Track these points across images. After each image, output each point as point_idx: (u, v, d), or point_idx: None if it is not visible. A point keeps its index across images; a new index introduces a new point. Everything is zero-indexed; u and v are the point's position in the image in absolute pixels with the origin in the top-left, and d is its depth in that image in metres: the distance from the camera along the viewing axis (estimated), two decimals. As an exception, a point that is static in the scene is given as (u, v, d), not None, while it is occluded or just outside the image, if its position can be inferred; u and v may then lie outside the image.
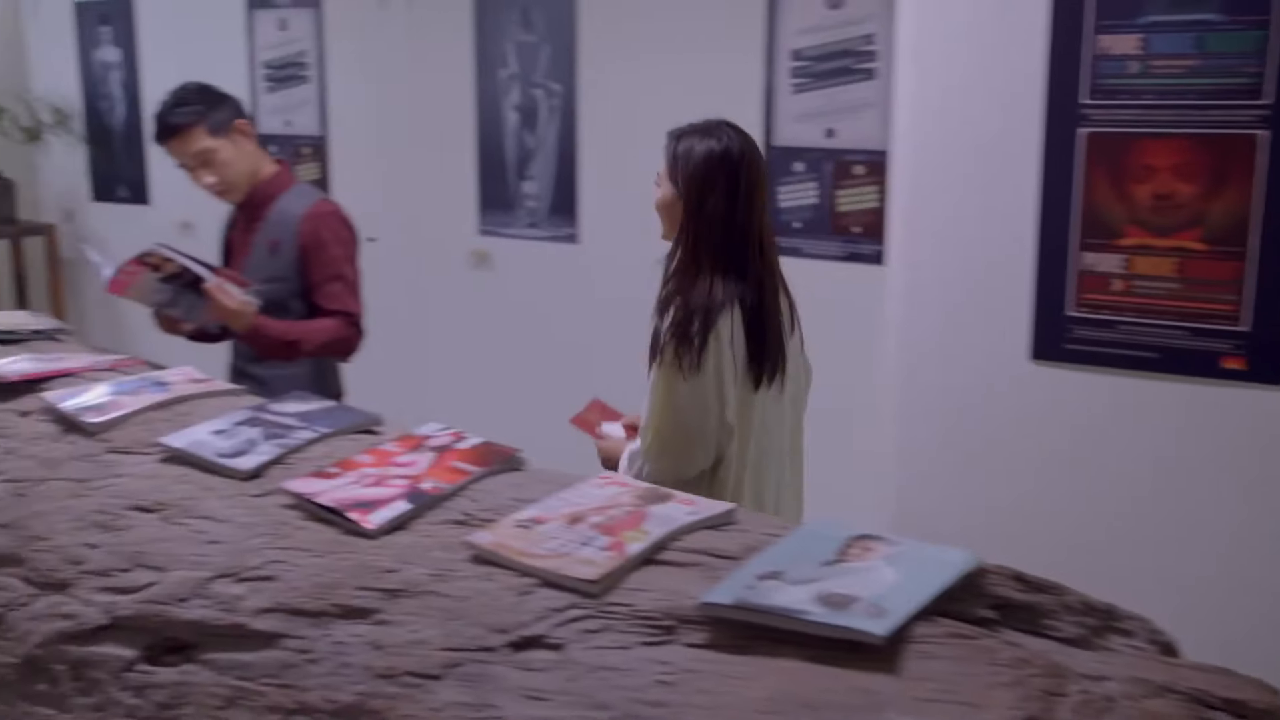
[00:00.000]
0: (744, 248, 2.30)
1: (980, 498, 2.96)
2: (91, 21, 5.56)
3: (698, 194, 2.28)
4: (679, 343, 2.23)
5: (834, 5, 3.62)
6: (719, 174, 2.27)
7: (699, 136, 2.31)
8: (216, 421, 1.91)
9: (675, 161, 2.33)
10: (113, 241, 5.67)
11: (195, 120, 2.92)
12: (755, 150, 2.36)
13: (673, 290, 2.30)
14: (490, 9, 4.32)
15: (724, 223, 2.27)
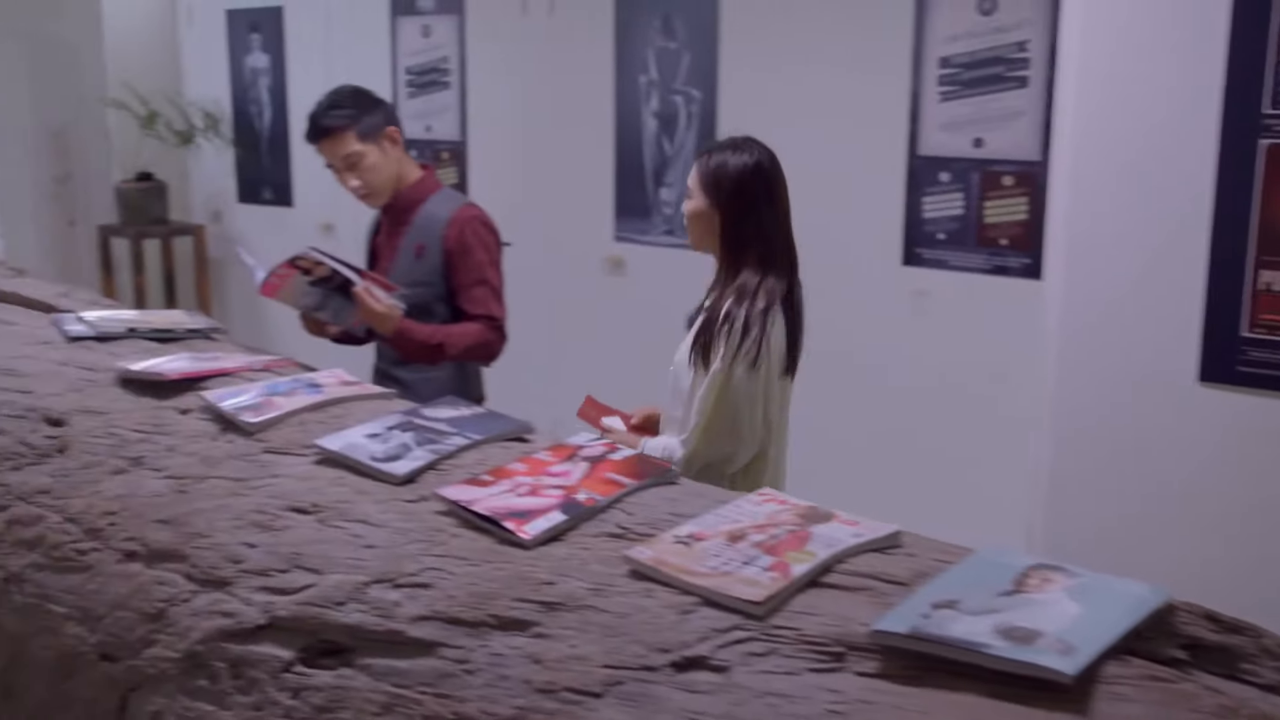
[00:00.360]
0: (782, 250, 2.52)
1: (1137, 525, 2.84)
2: (242, 29, 5.72)
3: (739, 205, 2.47)
4: (742, 340, 2.40)
5: (986, 12, 3.52)
6: (755, 185, 2.49)
7: (730, 152, 2.52)
8: (370, 425, 1.92)
9: (709, 176, 2.51)
10: (257, 243, 5.83)
11: (346, 124, 2.97)
12: (778, 162, 2.56)
13: (723, 294, 2.48)
14: (631, 15, 4.31)
15: (763, 229, 2.48)
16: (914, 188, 3.71)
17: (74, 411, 2.20)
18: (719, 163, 2.50)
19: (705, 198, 2.51)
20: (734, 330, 2.41)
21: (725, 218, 2.49)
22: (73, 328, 2.57)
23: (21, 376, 2.37)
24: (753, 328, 2.41)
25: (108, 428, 2.12)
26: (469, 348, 2.97)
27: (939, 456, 3.78)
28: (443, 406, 1.99)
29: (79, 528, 1.91)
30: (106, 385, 2.30)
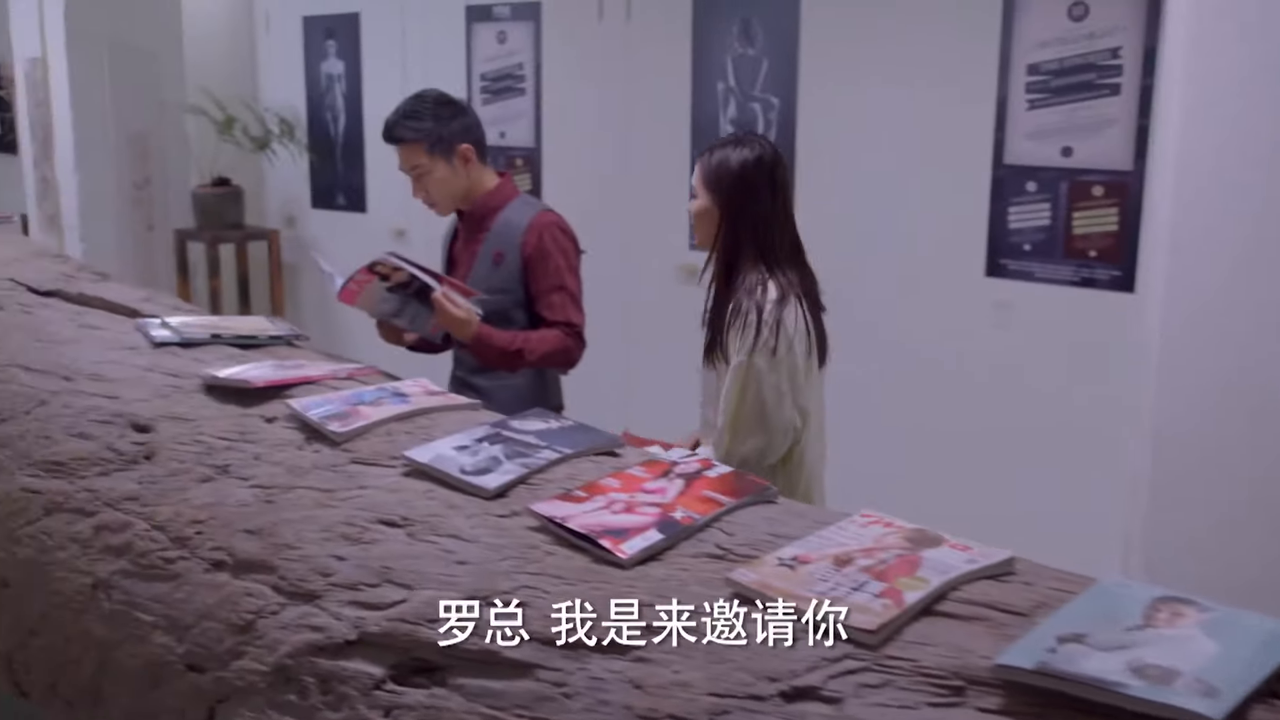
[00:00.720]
0: (787, 243, 2.48)
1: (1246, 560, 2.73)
2: (318, 35, 5.76)
3: (740, 200, 2.43)
4: (758, 333, 2.38)
5: (1077, 18, 3.43)
6: (758, 179, 2.44)
7: (732, 147, 2.47)
8: (458, 437, 1.89)
9: (711, 173, 2.47)
10: (329, 248, 5.86)
11: (417, 137, 2.96)
12: (781, 156, 2.53)
13: (731, 290, 2.45)
14: (709, 22, 4.27)
15: (769, 223, 2.44)
16: (999, 197, 3.63)
17: (160, 418, 2.20)
18: (720, 159, 2.46)
19: (708, 195, 2.48)
20: (748, 324, 2.39)
21: (728, 212, 2.45)
22: (157, 333, 2.58)
23: (108, 381, 2.38)
24: (768, 319, 2.38)
25: (194, 435, 2.12)
26: (547, 354, 2.94)
27: (1021, 471, 3.69)
28: (531, 419, 1.96)
29: (166, 536, 1.90)
30: (192, 391, 2.30)
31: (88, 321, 2.75)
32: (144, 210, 5.85)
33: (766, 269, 2.43)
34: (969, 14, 3.64)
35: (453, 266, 3.12)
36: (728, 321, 2.45)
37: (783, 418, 2.44)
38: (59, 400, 2.34)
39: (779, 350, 2.40)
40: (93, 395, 2.33)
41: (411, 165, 2.96)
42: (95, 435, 2.21)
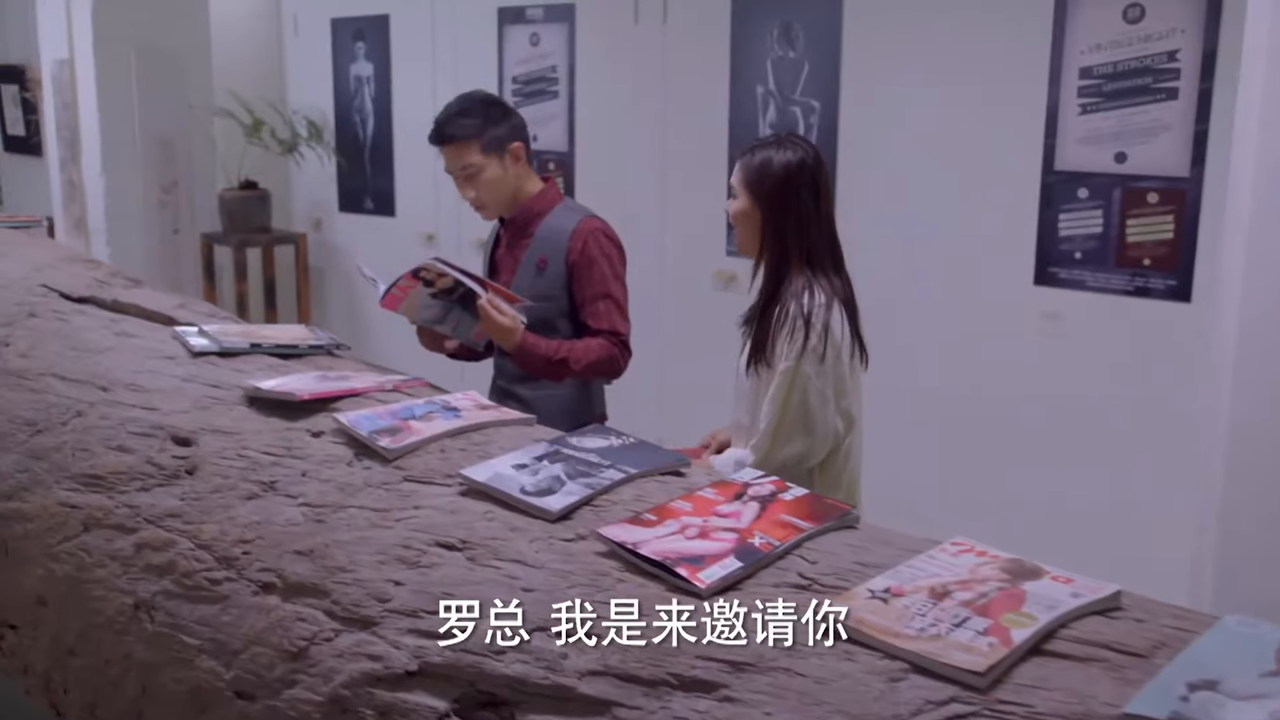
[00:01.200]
0: (830, 246, 2.44)
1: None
2: (347, 37, 5.70)
3: (783, 203, 2.38)
4: (806, 338, 2.34)
5: (1132, 20, 3.34)
6: (800, 182, 2.38)
7: (773, 149, 2.43)
8: (516, 454, 1.81)
9: (752, 174, 2.42)
10: (357, 252, 5.81)
11: (470, 134, 2.88)
12: (823, 158, 2.46)
13: (775, 296, 2.40)
14: (749, 24, 4.19)
15: (810, 226, 2.39)
16: (1049, 204, 3.54)
17: (201, 431, 2.13)
18: (762, 160, 2.41)
19: (749, 196, 2.43)
20: (796, 329, 2.36)
21: (769, 216, 2.41)
22: (196, 342, 2.51)
23: (145, 392, 2.31)
24: (815, 324, 2.35)
25: (238, 449, 2.04)
26: (592, 364, 2.86)
27: (1071, 484, 3.60)
28: (591, 436, 1.88)
29: (212, 555, 1.83)
30: (233, 404, 2.23)
31: (123, 329, 2.68)
32: (170, 214, 5.80)
33: (810, 274, 2.38)
34: (1018, 16, 3.55)
35: (495, 273, 3.05)
36: (774, 326, 2.41)
37: (826, 423, 2.41)
38: (96, 411, 2.28)
39: (827, 356, 2.36)
40: (131, 406, 2.26)
41: (463, 165, 2.89)
42: (135, 448, 2.14)
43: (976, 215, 3.68)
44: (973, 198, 3.67)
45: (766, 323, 2.44)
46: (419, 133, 5.45)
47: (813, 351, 2.35)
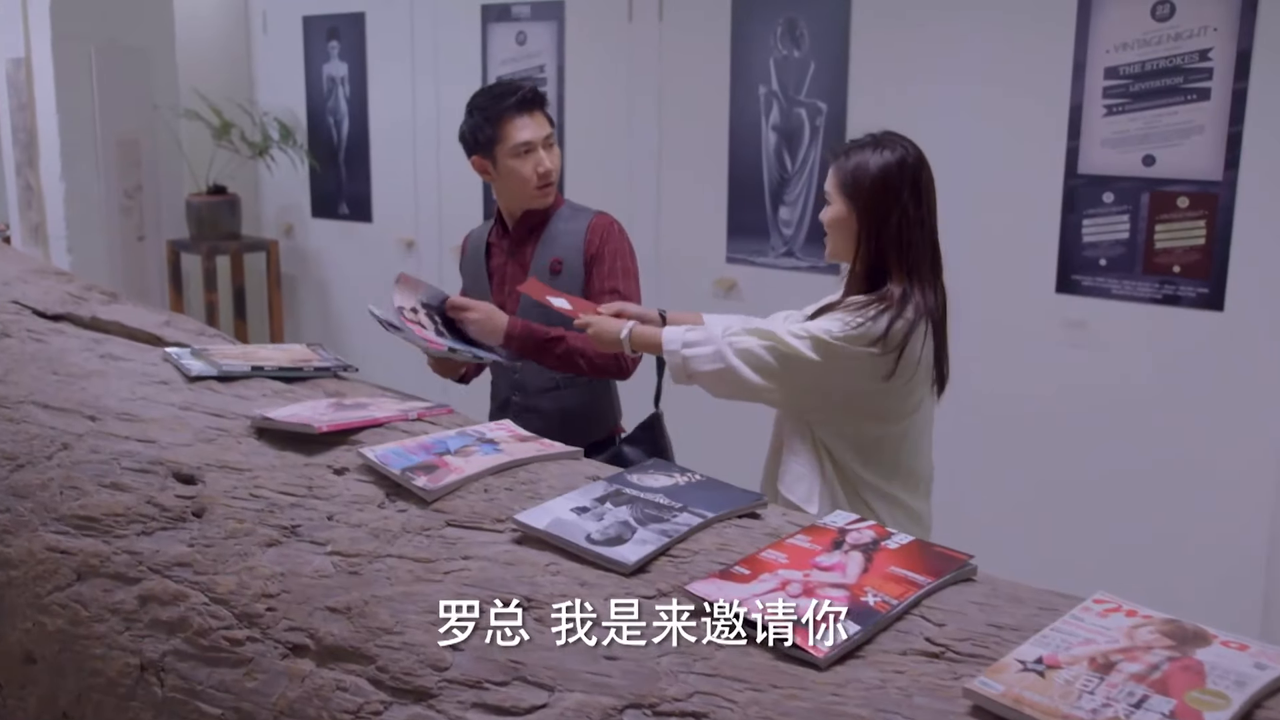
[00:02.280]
0: (930, 257, 2.23)
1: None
2: (320, 36, 5.47)
3: (882, 208, 2.18)
4: (891, 351, 2.14)
5: (1162, 18, 3.21)
6: (901, 185, 2.19)
7: (871, 149, 2.22)
8: (573, 496, 1.63)
9: (848, 178, 2.22)
10: (334, 260, 5.59)
11: (545, 104, 2.76)
12: (925, 158, 2.25)
13: (862, 305, 2.18)
14: (750, 22, 4.03)
15: (909, 234, 2.19)
16: (1071, 209, 3.40)
17: (207, 466, 1.93)
18: (858, 163, 2.20)
19: (845, 202, 2.22)
20: (872, 316, 2.13)
21: (866, 221, 2.19)
22: (191, 365, 2.30)
23: (140, 422, 2.11)
24: (894, 336, 2.13)
25: (250, 488, 1.85)
26: (594, 353, 2.67)
27: (1096, 498, 3.46)
28: (653, 472, 1.70)
29: (230, 611, 1.64)
30: (240, 435, 2.03)
31: (108, 351, 2.47)
32: (134, 220, 5.55)
33: (904, 287, 2.17)
34: (1040, 13, 3.41)
35: (501, 284, 2.85)
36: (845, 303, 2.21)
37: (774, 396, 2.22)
38: (85, 444, 2.07)
39: (896, 378, 2.15)
40: (124, 438, 2.06)
41: (548, 132, 2.74)
42: (132, 486, 1.94)
43: (995, 221, 3.53)
44: (991, 203, 3.52)
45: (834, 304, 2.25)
46: (397, 135, 5.29)
47: (869, 355, 2.13)
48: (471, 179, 5.07)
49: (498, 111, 2.67)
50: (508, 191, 2.75)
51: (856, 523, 1.50)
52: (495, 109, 2.68)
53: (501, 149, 2.69)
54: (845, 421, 2.24)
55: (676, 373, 2.27)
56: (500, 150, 2.69)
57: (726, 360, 2.21)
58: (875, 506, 2.28)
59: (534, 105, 2.70)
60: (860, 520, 1.51)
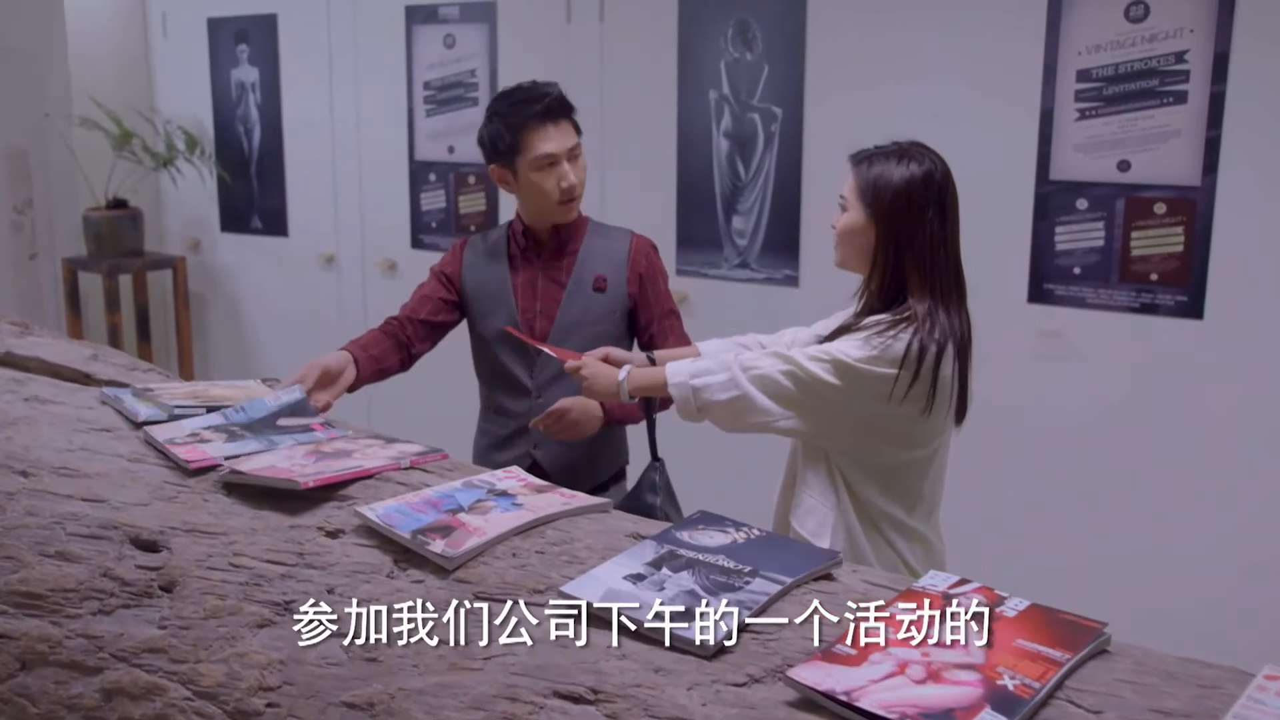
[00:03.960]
0: (954, 278, 2.09)
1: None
2: (228, 39, 5.15)
3: (903, 223, 2.04)
4: (913, 378, 1.98)
5: (1135, 19, 3.12)
6: (926, 200, 2.04)
7: (895, 160, 2.07)
8: (622, 560, 1.43)
9: (868, 186, 2.07)
10: (246, 276, 5.26)
11: (572, 111, 2.54)
12: (950, 172, 2.11)
13: (884, 326, 2.02)
14: (699, 23, 3.85)
15: (930, 252, 2.05)
16: (1043, 216, 3.30)
17: (172, 530, 1.68)
18: (880, 173, 2.06)
19: (863, 210, 2.07)
20: (893, 339, 1.99)
21: (885, 235, 2.05)
22: (137, 408, 2.04)
23: (84, 478, 1.84)
24: (922, 373, 1.98)
25: (228, 555, 1.61)
26: None
27: (1074, 517, 3.37)
28: (704, 528, 1.51)
29: (221, 709, 1.40)
30: (206, 492, 1.78)
31: (34, 393, 2.18)
32: (25, 237, 5.15)
33: (927, 305, 2.02)
34: (1008, 14, 3.30)
35: (522, 295, 2.59)
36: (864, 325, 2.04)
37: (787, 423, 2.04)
38: (18, 505, 1.80)
39: (920, 399, 2.00)
40: (66, 497, 1.79)
41: (573, 144, 2.51)
42: (81, 555, 1.68)
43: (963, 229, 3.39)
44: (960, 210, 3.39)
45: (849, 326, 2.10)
46: (314, 144, 4.99)
47: (920, 396, 1.99)
48: (398, 189, 4.86)
49: (521, 119, 2.45)
50: (529, 204, 2.55)
51: (958, 585, 1.33)
52: (518, 116, 2.45)
53: (523, 160, 2.47)
54: (867, 449, 2.08)
55: (685, 408, 2.08)
56: (522, 161, 2.47)
57: (741, 388, 2.03)
58: (893, 540, 2.12)
59: (560, 114, 2.48)
60: (961, 582, 1.34)
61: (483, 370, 2.67)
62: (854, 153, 2.15)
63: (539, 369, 2.55)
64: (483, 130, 2.55)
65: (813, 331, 2.30)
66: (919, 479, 2.13)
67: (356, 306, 4.90)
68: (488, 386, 2.67)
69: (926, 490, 2.15)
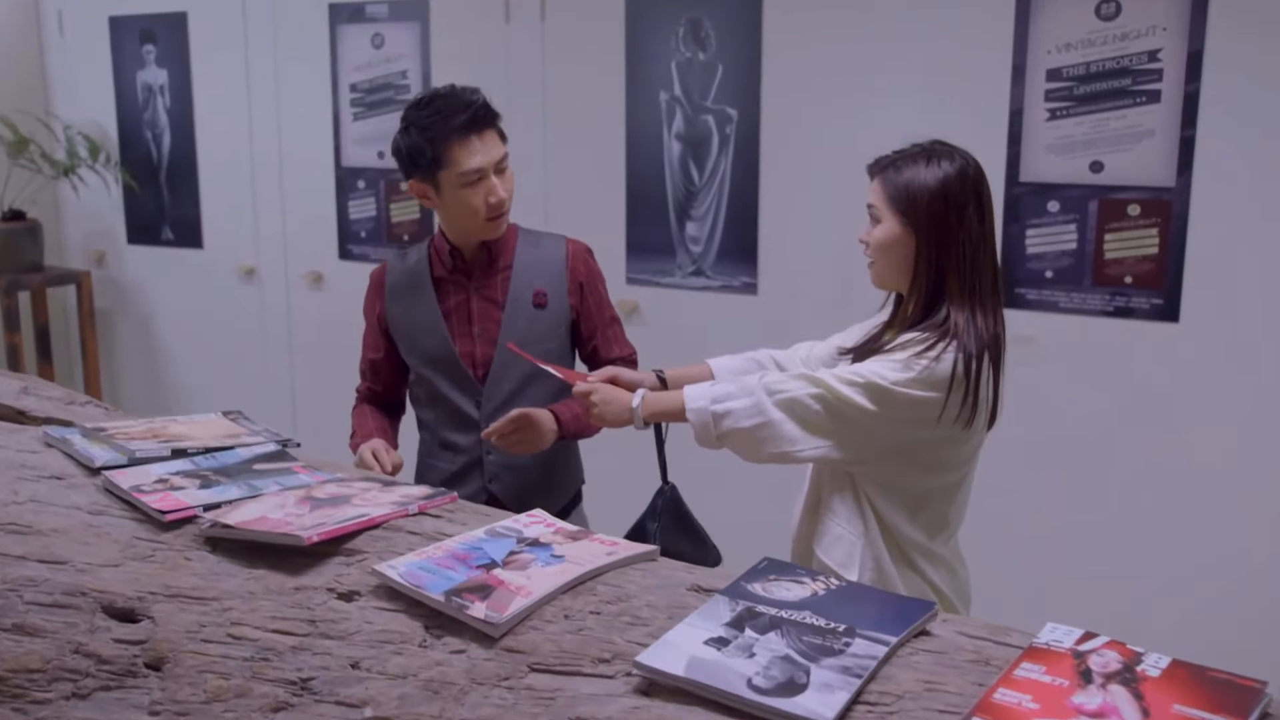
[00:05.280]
0: (992, 281, 1.95)
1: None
2: (132, 39, 4.83)
3: (944, 227, 1.90)
4: (964, 396, 1.86)
5: (1107, 17, 3.05)
6: (965, 200, 1.91)
7: (923, 162, 1.94)
8: (696, 622, 1.26)
9: (900, 193, 1.93)
10: (157, 290, 4.95)
11: (497, 120, 2.29)
12: (979, 163, 1.97)
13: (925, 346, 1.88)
14: (648, 22, 3.70)
15: (978, 254, 1.92)
16: (1014, 219, 3.21)
17: (152, 597, 1.47)
18: (911, 177, 1.91)
19: (899, 219, 1.92)
20: (936, 359, 1.85)
21: (925, 242, 1.90)
22: (92, 451, 1.81)
23: (38, 535, 1.62)
24: (971, 385, 1.86)
25: (224, 624, 1.40)
26: None
27: (1048, 525, 3.29)
28: (775, 578, 1.35)
29: (239, 812, 1.20)
30: (186, 548, 1.57)
31: (-37, 436, 1.94)
32: (-89, 252, 4.77)
33: (969, 314, 1.89)
34: (975, 12, 3.20)
35: (458, 321, 2.39)
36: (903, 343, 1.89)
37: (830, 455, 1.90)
38: (-37, 569, 1.57)
39: (976, 420, 1.89)
40: (19, 559, 1.57)
41: (500, 156, 2.27)
42: (46, 629, 1.46)
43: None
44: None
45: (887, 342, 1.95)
46: (231, 150, 4.71)
47: (966, 409, 1.86)
48: (323, 197, 4.60)
49: (443, 131, 2.20)
50: (453, 221, 2.32)
51: (1084, 641, 1.19)
52: (440, 129, 2.20)
53: (447, 175, 2.24)
54: (898, 474, 1.95)
55: (704, 435, 1.93)
56: (445, 176, 2.24)
57: (767, 414, 1.88)
58: (923, 568, 2.00)
59: (486, 124, 2.26)
60: (1086, 636, 1.20)
61: (422, 402, 2.45)
62: (873, 161, 2.01)
63: (486, 399, 2.34)
64: (399, 141, 2.29)
65: (830, 345, 2.17)
66: (946, 504, 2.01)
67: (279, 322, 4.64)
68: (430, 420, 2.44)
69: (953, 515, 2.03)
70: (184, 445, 1.84)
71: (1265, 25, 2.91)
